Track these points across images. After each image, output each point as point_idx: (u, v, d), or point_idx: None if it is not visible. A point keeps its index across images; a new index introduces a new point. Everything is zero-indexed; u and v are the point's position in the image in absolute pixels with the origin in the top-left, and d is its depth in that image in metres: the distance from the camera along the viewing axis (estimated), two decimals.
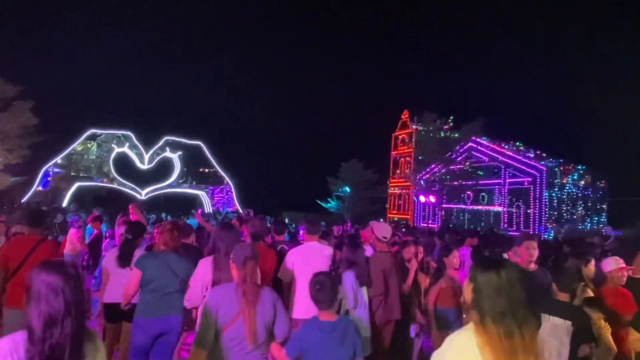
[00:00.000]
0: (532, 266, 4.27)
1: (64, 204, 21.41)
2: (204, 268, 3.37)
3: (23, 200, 21.50)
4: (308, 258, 4.35)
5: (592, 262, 4.45)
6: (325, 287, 2.78)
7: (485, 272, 1.82)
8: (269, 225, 6.72)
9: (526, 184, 25.56)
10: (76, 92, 47.01)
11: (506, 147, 27.03)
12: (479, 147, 26.95)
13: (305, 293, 3.97)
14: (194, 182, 28.17)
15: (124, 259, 4.26)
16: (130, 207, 6.46)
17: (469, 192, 27.28)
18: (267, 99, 69.96)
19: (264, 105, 68.03)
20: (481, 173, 26.16)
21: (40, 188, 23.25)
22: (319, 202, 33.68)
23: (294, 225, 15.96)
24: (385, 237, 4.75)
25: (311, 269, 4.23)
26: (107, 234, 8.91)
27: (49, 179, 23.72)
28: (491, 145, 26.94)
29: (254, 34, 79.68)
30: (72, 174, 24.37)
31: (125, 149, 25.45)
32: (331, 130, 63.33)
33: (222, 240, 3.40)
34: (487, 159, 26.81)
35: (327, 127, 62.33)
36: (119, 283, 4.06)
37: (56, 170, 24.04)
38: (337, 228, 9.72)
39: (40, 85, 27.69)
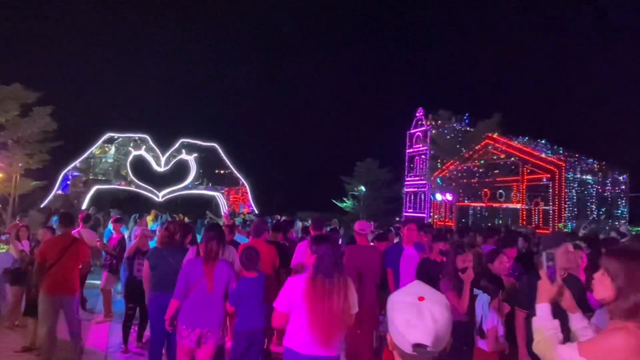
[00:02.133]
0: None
1: (83, 207, 21.78)
2: (190, 254, 4.68)
3: (43, 205, 21.92)
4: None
5: None
6: (251, 256, 4.17)
7: (320, 245, 3.17)
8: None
9: (545, 180, 25.23)
10: (93, 96, 47.81)
11: (523, 143, 26.69)
12: (495, 144, 26.67)
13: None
14: (210, 184, 28.40)
15: None
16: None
17: (485, 190, 27.01)
18: (281, 99, 70.13)
19: (278, 105, 68.26)
20: (498, 170, 25.90)
21: (60, 192, 23.69)
22: (334, 201, 33.68)
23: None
24: (362, 230, 5.58)
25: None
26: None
27: (68, 182, 24.15)
28: (508, 142, 26.63)
29: (268, 33, 79.98)
30: (90, 177, 24.78)
31: (142, 151, 25.79)
32: (346, 129, 63.32)
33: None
34: (504, 155, 26.50)
35: (342, 126, 62.31)
36: None
37: (75, 174, 24.46)
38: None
39: (58, 89, 28.25)
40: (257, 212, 25.82)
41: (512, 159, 26.25)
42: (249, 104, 67.61)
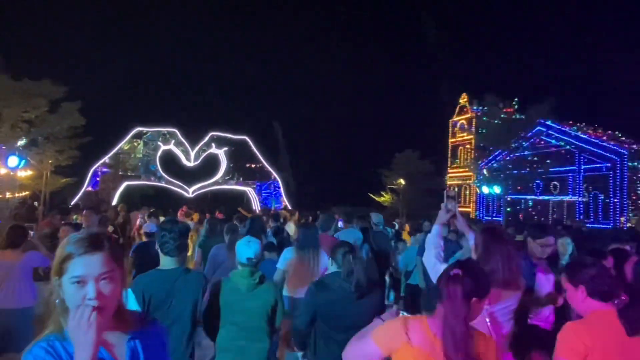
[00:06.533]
0: None
1: (113, 203, 22.50)
2: None
3: (73, 202, 22.80)
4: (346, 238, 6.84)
5: None
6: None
7: (302, 228, 5.52)
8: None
9: (604, 170, 24.36)
10: (121, 90, 49.27)
11: (580, 129, 25.84)
12: (548, 131, 25.94)
13: None
14: (241, 178, 28.78)
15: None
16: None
17: (538, 181, 26.33)
18: (314, 88, 70.18)
19: (310, 95, 68.33)
20: (552, 159, 25.22)
21: (89, 188, 24.58)
22: (371, 195, 33.56)
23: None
24: (376, 224, 7.40)
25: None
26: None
27: (97, 179, 25.03)
28: (562, 129, 25.84)
29: (302, 22, 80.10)
30: (120, 173, 25.58)
31: (171, 146, 26.36)
32: (383, 118, 62.71)
33: None
34: (558, 143, 25.78)
35: (379, 115, 61.78)
36: None
37: (104, 170, 25.32)
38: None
39: (86, 84, 29.26)
40: (289, 207, 26.02)
41: (567, 147, 25.47)
42: (280, 94, 68.04)
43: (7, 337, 4.52)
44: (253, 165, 29.20)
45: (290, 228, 9.62)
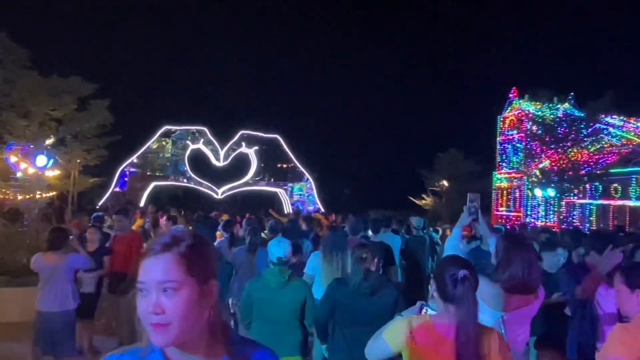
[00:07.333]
0: None
1: (141, 204, 22.76)
2: None
3: (100, 203, 23.21)
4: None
5: None
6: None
7: (330, 230, 6.96)
8: None
9: None
10: (150, 87, 50.24)
11: None
12: (609, 128, 25.15)
13: None
14: (272, 179, 28.72)
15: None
16: None
17: (597, 183, 25.48)
18: (349, 83, 69.89)
19: (346, 90, 68.11)
20: (613, 159, 24.40)
21: (117, 189, 24.98)
22: (411, 198, 33.07)
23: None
24: (418, 225, 7.85)
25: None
26: None
27: (125, 179, 25.41)
28: (625, 125, 25.02)
29: (338, 17, 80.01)
30: (147, 173, 25.89)
31: (200, 145, 26.51)
32: (425, 114, 61.67)
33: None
34: (620, 141, 24.96)
35: (420, 112, 60.96)
36: None
37: (132, 170, 25.67)
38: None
39: (114, 82, 29.84)
40: (323, 210, 25.81)
41: (631, 145, 24.59)
42: (313, 91, 68.00)
43: (49, 339, 4.78)
44: (285, 166, 29.12)
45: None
